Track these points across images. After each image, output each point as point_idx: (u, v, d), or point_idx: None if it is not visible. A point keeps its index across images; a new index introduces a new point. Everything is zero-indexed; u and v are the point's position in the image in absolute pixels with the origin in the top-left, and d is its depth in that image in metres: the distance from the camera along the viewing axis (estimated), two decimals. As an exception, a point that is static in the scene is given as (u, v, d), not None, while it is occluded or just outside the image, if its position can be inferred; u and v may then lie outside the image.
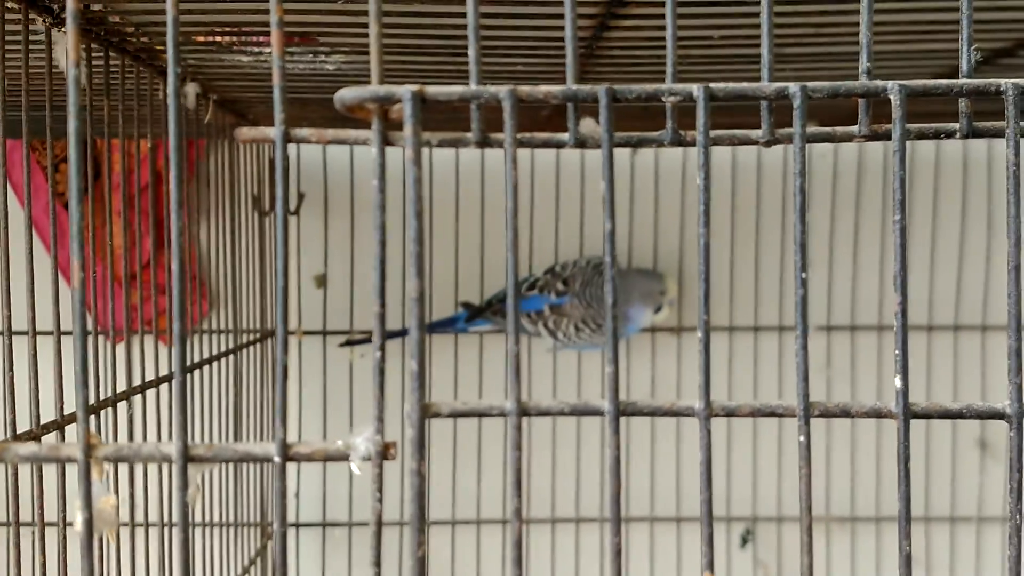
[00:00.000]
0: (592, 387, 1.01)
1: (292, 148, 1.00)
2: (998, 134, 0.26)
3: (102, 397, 0.56)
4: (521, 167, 1.00)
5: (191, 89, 0.66)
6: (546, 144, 0.28)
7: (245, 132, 0.27)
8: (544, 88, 0.26)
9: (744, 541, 1.02)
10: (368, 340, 0.94)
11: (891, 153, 0.99)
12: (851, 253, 0.99)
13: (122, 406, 0.57)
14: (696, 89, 0.26)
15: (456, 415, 0.25)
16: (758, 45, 0.27)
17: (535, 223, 1.00)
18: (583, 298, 0.94)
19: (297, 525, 1.00)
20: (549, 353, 1.01)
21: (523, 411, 0.25)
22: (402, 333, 0.97)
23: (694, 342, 0.99)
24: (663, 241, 1.00)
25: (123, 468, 0.60)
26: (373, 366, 0.25)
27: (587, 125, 0.27)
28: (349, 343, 1.00)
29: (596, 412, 0.26)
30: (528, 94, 0.26)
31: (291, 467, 1.00)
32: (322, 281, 1.02)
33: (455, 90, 0.26)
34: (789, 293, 1.00)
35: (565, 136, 0.27)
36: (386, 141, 0.27)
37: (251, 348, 0.87)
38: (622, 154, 1.00)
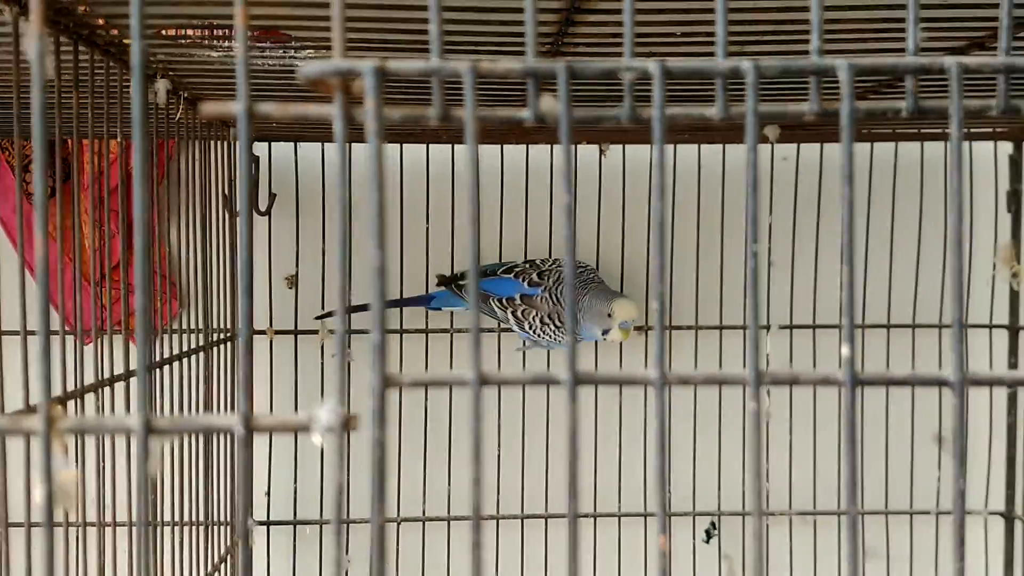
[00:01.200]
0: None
1: (263, 149, 1.00)
2: (942, 112, 0.27)
3: (70, 390, 0.56)
4: (492, 163, 1.01)
5: (161, 86, 0.66)
6: (506, 119, 0.28)
7: (209, 107, 0.27)
8: (504, 64, 0.27)
9: (709, 536, 1.03)
10: (352, 310, 0.94)
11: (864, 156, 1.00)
12: (813, 253, 1.01)
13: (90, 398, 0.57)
14: (652, 65, 0.27)
15: (417, 384, 0.26)
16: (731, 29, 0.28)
17: (505, 219, 1.01)
18: (553, 295, 0.95)
19: (268, 523, 1.00)
20: (519, 352, 1.02)
21: (483, 380, 0.26)
22: (366, 307, 0.98)
23: (676, 337, 1.00)
24: (630, 240, 1.01)
25: (91, 463, 0.59)
26: (336, 338, 0.26)
27: (547, 103, 0.28)
28: (322, 317, 1.00)
29: (554, 381, 0.26)
30: (488, 70, 0.27)
31: (262, 464, 1.00)
32: (293, 281, 1.02)
33: (416, 65, 0.27)
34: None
35: (525, 112, 0.28)
36: (349, 116, 0.27)
37: (222, 347, 0.87)
38: (591, 154, 1.01)
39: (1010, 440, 1.01)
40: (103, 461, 0.59)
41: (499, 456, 1.02)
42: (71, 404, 0.56)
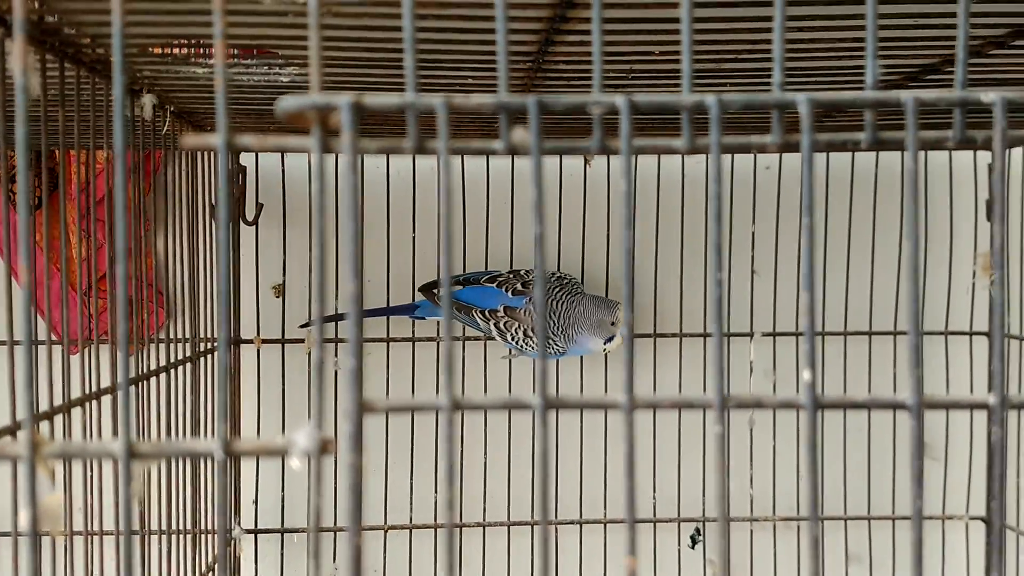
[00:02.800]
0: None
1: (251, 160, 1.00)
2: (899, 144, 0.28)
3: (57, 404, 0.56)
4: (478, 171, 1.02)
5: (148, 100, 0.66)
6: (480, 151, 0.29)
7: (189, 140, 0.28)
8: (476, 99, 0.28)
9: (694, 542, 1.04)
10: (329, 319, 0.94)
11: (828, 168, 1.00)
12: (795, 260, 1.02)
13: (77, 412, 0.57)
14: (619, 100, 0.27)
15: (392, 410, 0.27)
16: (706, 58, 0.29)
17: (491, 227, 1.01)
18: (538, 306, 0.96)
19: (256, 531, 1.01)
20: (505, 360, 1.03)
21: (456, 406, 0.27)
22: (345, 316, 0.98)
23: (647, 348, 1.01)
24: (616, 250, 1.02)
25: (78, 476, 0.60)
26: (314, 364, 0.27)
27: (519, 135, 0.29)
28: (307, 325, 1.01)
29: (526, 406, 0.27)
30: (461, 104, 0.28)
31: (250, 473, 1.00)
32: (280, 290, 1.03)
33: (391, 100, 0.27)
34: (731, 301, 1.03)
35: (497, 144, 0.29)
36: (326, 148, 0.28)
37: (211, 356, 0.88)
38: (576, 164, 1.02)
39: (990, 444, 1.02)
40: (90, 470, 0.59)
41: (485, 462, 1.03)
42: (60, 418, 0.56)
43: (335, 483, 0.96)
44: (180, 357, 0.80)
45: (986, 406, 0.27)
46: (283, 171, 1.00)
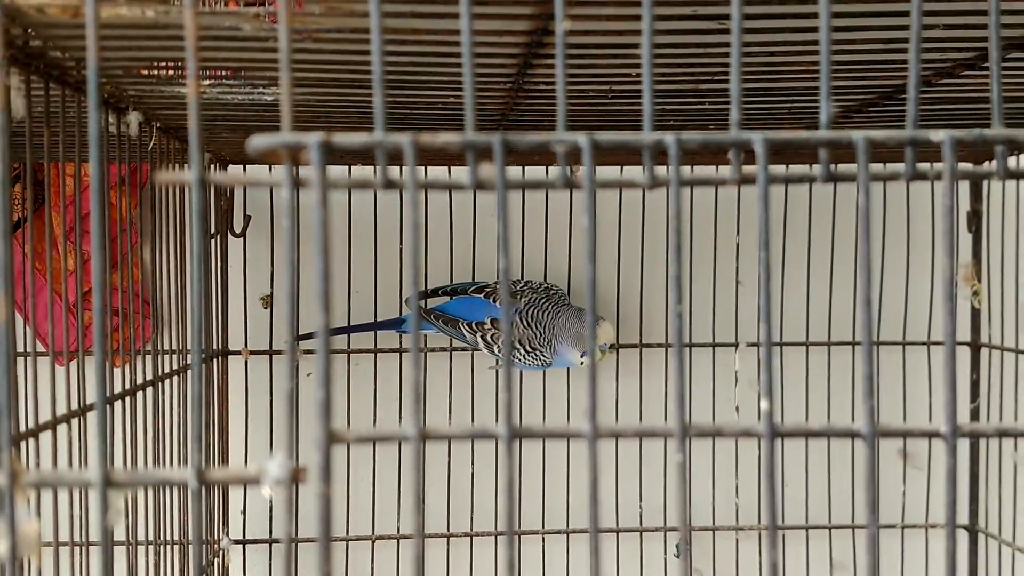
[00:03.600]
0: (534, 406, 1.04)
1: (238, 171, 1.01)
2: (852, 177, 0.29)
3: (44, 419, 0.57)
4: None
5: (133, 118, 0.67)
6: (447, 186, 0.30)
7: (163, 176, 0.29)
8: (443, 137, 0.28)
9: (679, 551, 1.05)
10: (304, 337, 0.95)
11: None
12: (779, 271, 1.03)
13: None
14: (582, 139, 0.28)
15: (360, 440, 0.27)
16: (673, 93, 0.30)
17: (477, 239, 1.02)
18: (524, 317, 0.96)
19: (244, 542, 1.01)
20: (492, 371, 1.03)
21: (423, 436, 0.27)
22: (340, 331, 0.99)
23: (634, 358, 1.02)
24: (601, 261, 1.03)
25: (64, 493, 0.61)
26: (285, 395, 0.27)
27: (486, 170, 0.30)
28: (295, 339, 1.01)
29: (491, 436, 0.28)
30: (428, 143, 0.28)
31: (238, 484, 1.01)
32: (268, 301, 1.04)
33: (359, 139, 0.28)
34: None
35: (465, 179, 0.30)
36: (297, 183, 0.29)
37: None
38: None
39: (973, 454, 1.03)
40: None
41: (472, 472, 1.03)
42: (47, 433, 0.57)
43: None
44: (168, 370, 0.81)
45: (939, 434, 0.28)
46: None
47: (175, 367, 0.83)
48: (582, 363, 0.96)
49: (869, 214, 0.27)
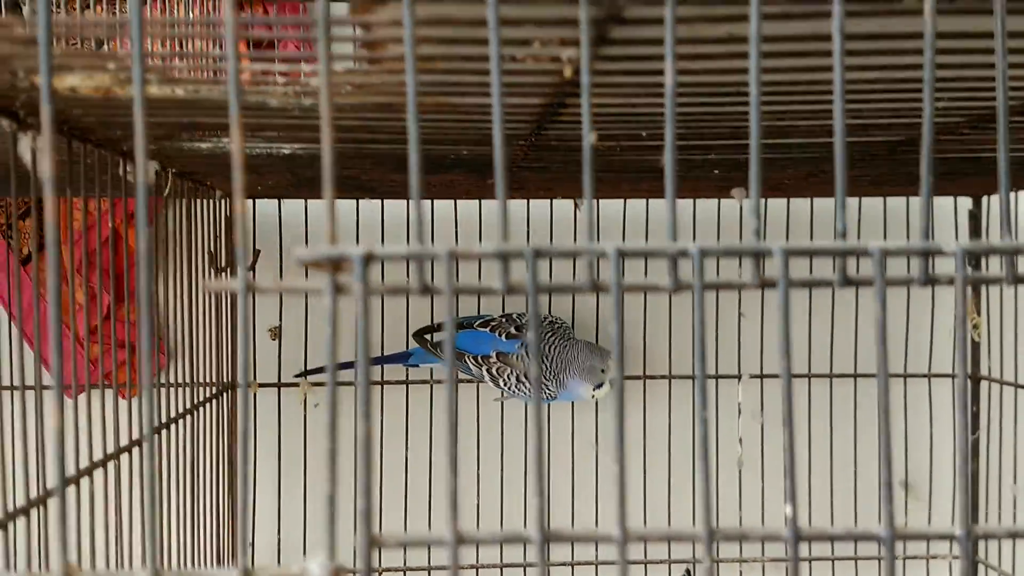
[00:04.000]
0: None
1: (248, 206, 1.02)
2: (869, 282, 0.30)
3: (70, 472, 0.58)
4: (471, 213, 1.04)
5: (150, 167, 0.68)
6: (479, 290, 0.31)
7: (211, 284, 0.30)
8: (478, 248, 0.30)
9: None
10: (320, 370, 0.96)
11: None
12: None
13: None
14: (609, 247, 0.30)
15: (402, 545, 0.29)
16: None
17: (483, 269, 1.03)
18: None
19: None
20: (497, 402, 1.04)
21: (460, 539, 0.29)
22: (347, 365, 1.00)
23: (637, 389, 1.03)
24: (604, 301, 1.04)
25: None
26: (325, 497, 0.29)
27: (516, 277, 0.31)
28: (304, 373, 1.03)
29: (525, 540, 0.29)
30: (464, 253, 0.30)
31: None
32: (277, 333, 1.05)
33: (400, 250, 0.29)
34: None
35: (498, 283, 0.31)
36: (339, 291, 0.30)
37: (212, 403, 0.90)
38: (566, 207, 1.04)
39: (974, 486, 1.05)
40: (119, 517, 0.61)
41: (478, 489, 1.05)
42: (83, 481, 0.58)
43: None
44: (180, 410, 0.82)
45: (953, 537, 0.29)
46: (280, 217, 1.02)
47: (187, 406, 0.84)
48: (593, 397, 0.97)
49: (885, 323, 0.29)
